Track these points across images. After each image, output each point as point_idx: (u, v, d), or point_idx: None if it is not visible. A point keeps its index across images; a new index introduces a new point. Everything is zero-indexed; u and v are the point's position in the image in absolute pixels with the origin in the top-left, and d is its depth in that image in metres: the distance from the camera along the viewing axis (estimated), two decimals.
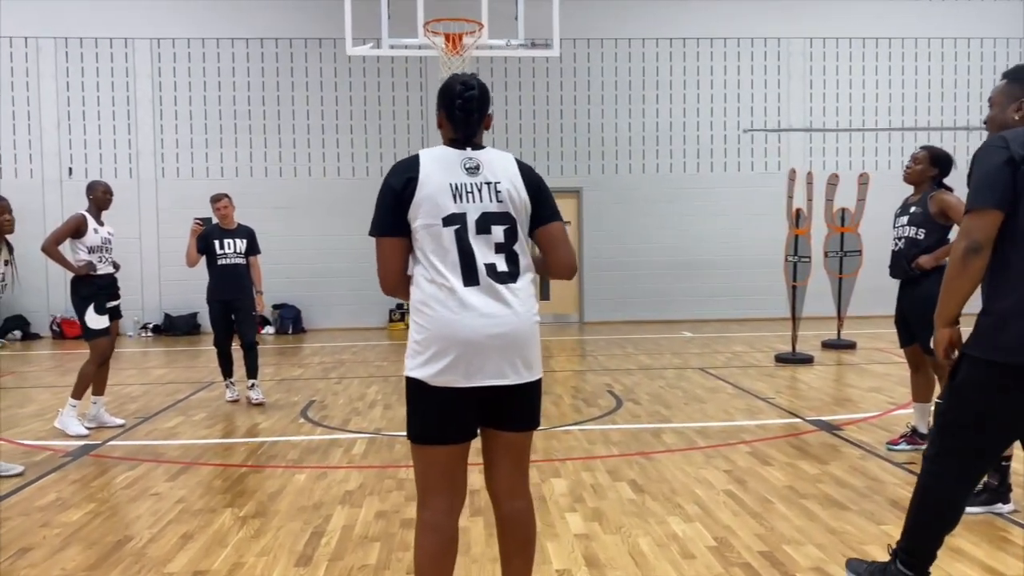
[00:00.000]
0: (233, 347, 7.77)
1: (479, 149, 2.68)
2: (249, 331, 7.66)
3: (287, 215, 14.20)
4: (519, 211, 2.65)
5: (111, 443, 6.19)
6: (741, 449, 5.77)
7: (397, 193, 2.57)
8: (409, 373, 2.61)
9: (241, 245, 7.71)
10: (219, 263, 7.66)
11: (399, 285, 2.66)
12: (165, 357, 11.54)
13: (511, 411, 2.67)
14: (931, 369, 5.38)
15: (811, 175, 10.68)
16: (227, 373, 7.80)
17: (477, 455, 2.76)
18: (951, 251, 2.75)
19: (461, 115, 2.66)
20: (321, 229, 14.30)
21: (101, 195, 6.52)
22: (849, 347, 10.77)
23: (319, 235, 14.32)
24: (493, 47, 9.42)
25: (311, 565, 3.75)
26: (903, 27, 14.94)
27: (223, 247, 7.66)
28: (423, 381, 2.56)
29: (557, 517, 4.38)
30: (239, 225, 7.82)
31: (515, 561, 2.81)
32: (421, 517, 2.65)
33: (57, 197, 13.95)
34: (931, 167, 5.29)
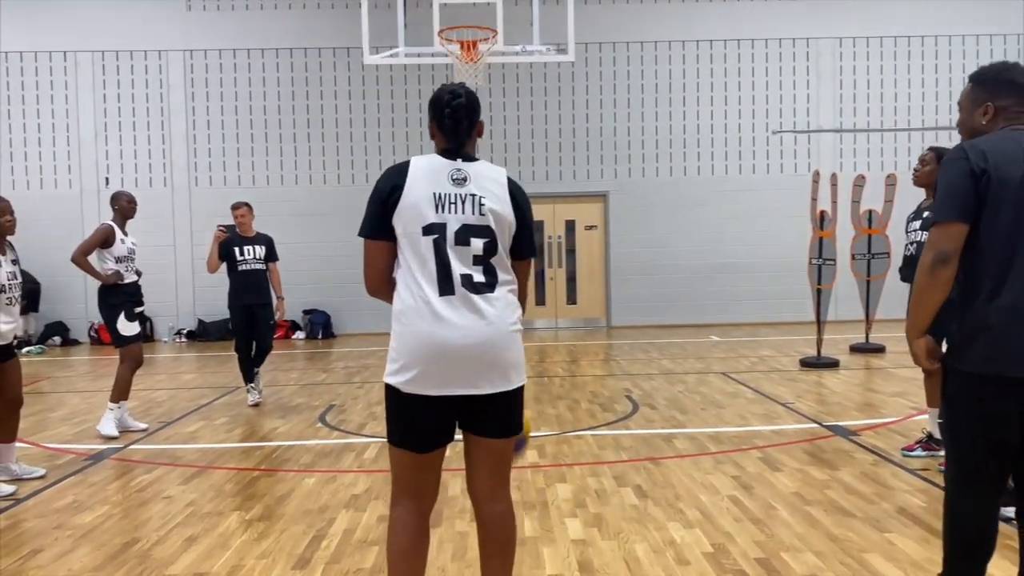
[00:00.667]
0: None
1: (471, 161, 2.72)
2: (267, 336, 7.86)
3: (318, 221, 14.37)
4: (501, 227, 2.68)
5: (132, 447, 6.35)
6: (752, 455, 5.73)
7: (383, 198, 2.64)
8: (386, 379, 2.68)
9: (260, 251, 7.90)
10: (239, 269, 7.86)
11: (382, 287, 2.73)
12: (196, 362, 11.77)
13: (488, 418, 2.72)
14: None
15: (835, 176, 10.54)
16: (248, 377, 7.96)
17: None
18: (920, 264, 2.74)
19: (450, 124, 2.71)
20: (351, 235, 14.33)
21: (126, 204, 6.70)
22: (877, 351, 10.60)
23: (348, 241, 14.39)
24: (508, 53, 9.45)
25: (308, 568, 3.82)
26: (934, 25, 14.67)
27: (243, 253, 7.86)
28: (397, 388, 2.61)
29: (557, 522, 4.39)
30: (257, 233, 8.03)
31: (494, 563, 2.86)
32: (393, 514, 2.74)
33: (95, 207, 14.30)
34: (939, 168, 5.20)
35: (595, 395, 8.17)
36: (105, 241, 6.53)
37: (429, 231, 2.61)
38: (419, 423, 2.65)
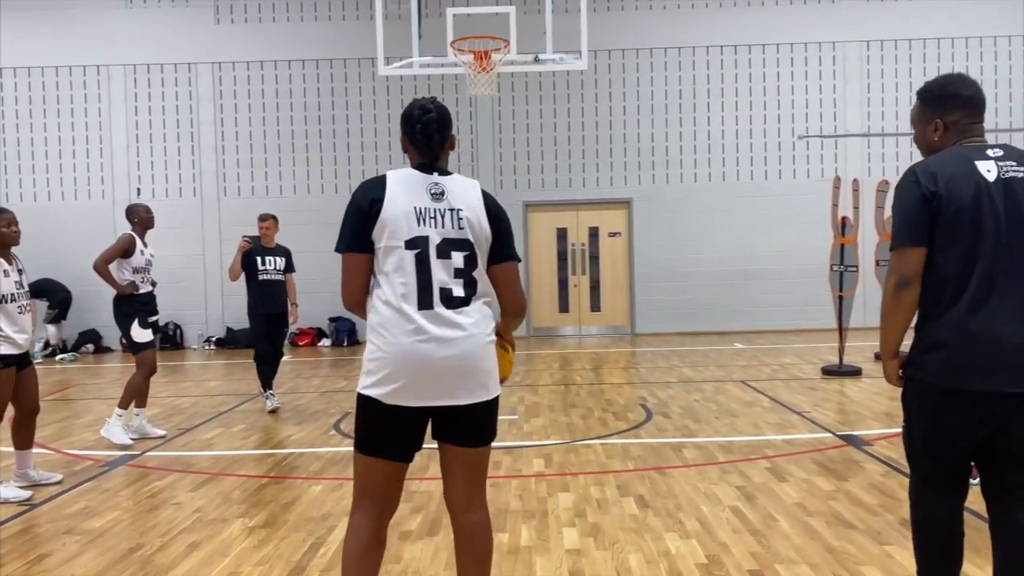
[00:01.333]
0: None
1: (446, 175, 2.77)
2: (280, 343, 8.12)
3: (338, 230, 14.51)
4: (479, 239, 2.73)
5: (149, 453, 6.48)
6: (760, 465, 5.68)
7: (363, 212, 2.68)
8: (361, 390, 2.71)
9: (280, 263, 8.09)
10: (260, 278, 8.04)
11: (360, 302, 2.76)
12: (222, 370, 11.95)
13: (464, 428, 2.76)
14: None
15: (857, 182, 10.40)
16: (268, 384, 8.11)
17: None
18: (884, 288, 2.84)
19: (422, 139, 2.75)
20: None
21: (145, 215, 6.85)
22: None
23: None
24: (521, 62, 9.49)
25: (302, 575, 3.87)
26: (963, 26, 14.41)
27: (264, 264, 8.05)
28: (378, 400, 2.66)
29: (554, 531, 4.40)
30: (278, 244, 8.24)
31: (470, 571, 2.89)
32: (352, 518, 2.78)
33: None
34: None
35: (610, 403, 8.16)
36: (126, 251, 6.68)
37: (412, 245, 2.65)
38: (398, 434, 2.69)
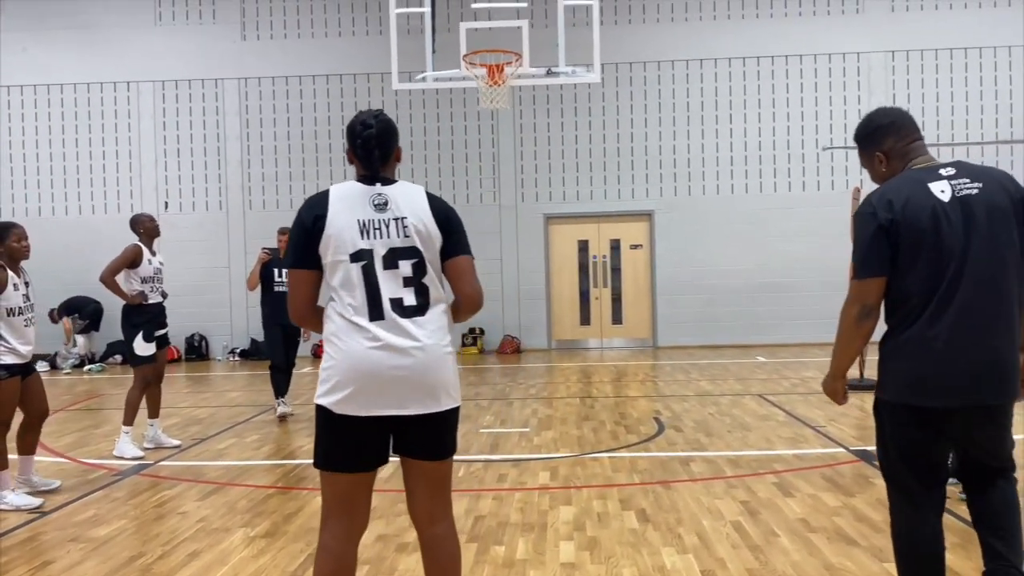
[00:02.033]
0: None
1: (389, 184, 2.78)
2: (293, 354, 8.23)
3: None
4: (427, 245, 2.74)
5: (162, 463, 6.57)
6: (767, 479, 5.62)
7: (307, 228, 2.71)
8: (316, 400, 2.73)
9: None
10: (275, 290, 8.19)
11: (308, 315, 2.79)
12: (243, 381, 12.09)
13: (417, 440, 2.76)
14: None
15: None
16: (281, 392, 8.25)
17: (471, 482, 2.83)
18: (843, 313, 2.88)
19: (362, 153, 2.78)
20: None
21: (149, 225, 6.94)
22: None
23: None
24: (535, 75, 9.53)
25: None
26: (989, 36, 14.20)
27: (280, 276, 8.17)
28: (327, 408, 2.67)
29: (551, 545, 4.39)
30: None
31: None
32: (321, 539, 2.78)
33: None
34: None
35: (623, 416, 8.11)
36: (133, 261, 6.76)
37: (357, 258, 2.67)
38: (348, 443, 2.70)
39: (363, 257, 2.67)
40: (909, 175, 2.86)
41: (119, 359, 14.76)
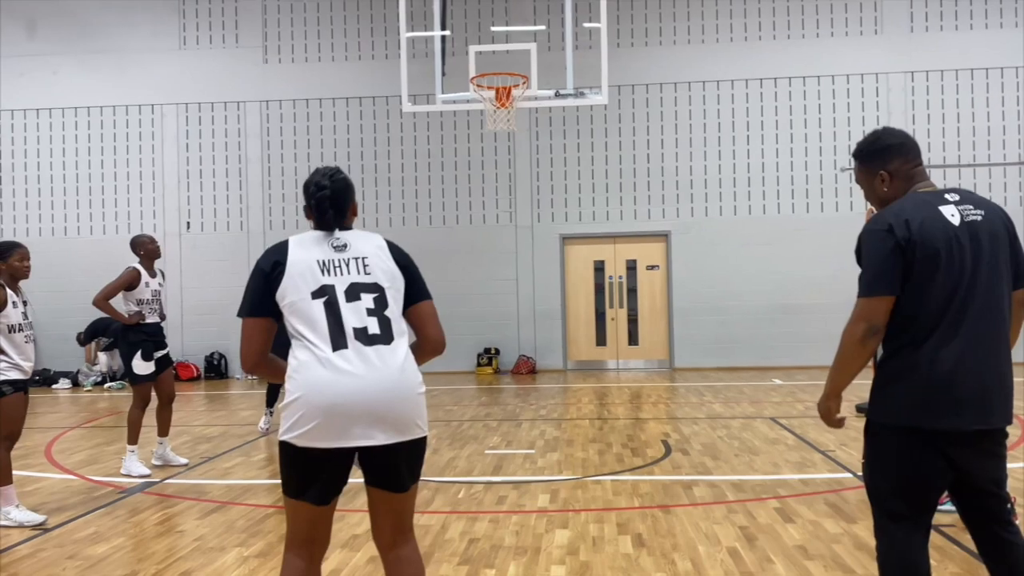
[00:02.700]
0: None
1: (347, 230, 2.86)
2: None
3: None
4: (388, 281, 2.78)
5: (168, 481, 6.63)
6: (769, 504, 5.55)
7: (266, 275, 2.74)
8: (279, 437, 2.73)
9: None
10: None
11: (260, 363, 2.82)
12: (259, 399, 12.13)
13: (384, 471, 2.76)
14: None
15: None
16: (272, 402, 8.51)
17: (457, 504, 2.84)
18: (847, 332, 2.81)
19: (316, 213, 2.85)
20: None
21: (150, 246, 7.01)
22: None
23: None
24: (543, 98, 9.60)
25: None
26: (1007, 56, 14.05)
27: None
28: (292, 443, 2.68)
29: (542, 569, 4.36)
30: None
31: None
32: (285, 558, 2.81)
33: (176, 248, 15.11)
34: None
35: (631, 439, 8.06)
36: (129, 285, 6.85)
37: (318, 295, 2.70)
38: (316, 477, 2.69)
39: (325, 293, 2.71)
40: (920, 197, 2.85)
41: None
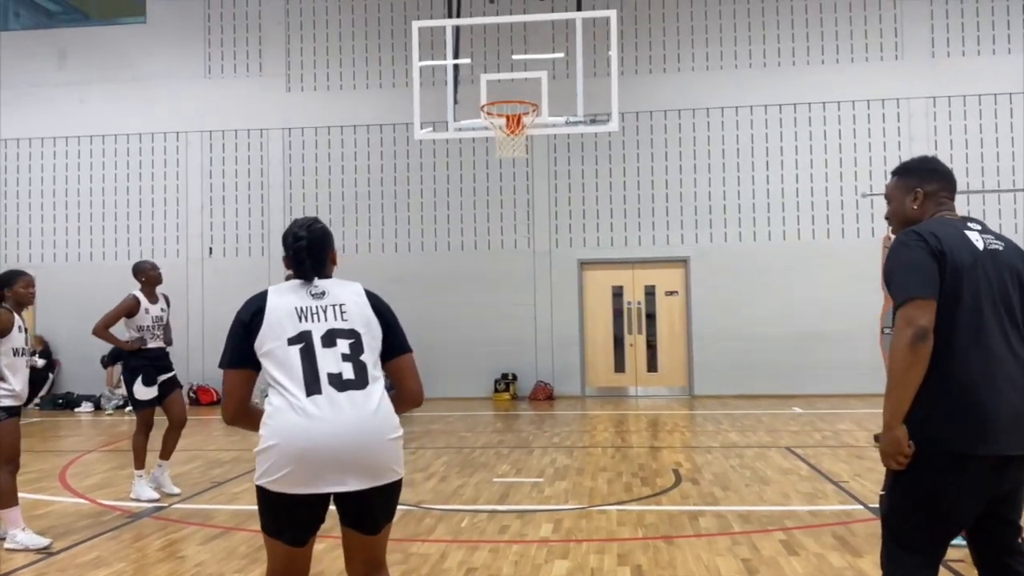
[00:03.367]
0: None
1: (326, 279, 2.90)
2: None
3: (399, 288, 14.75)
4: (365, 328, 2.80)
5: (176, 506, 6.67)
6: (775, 536, 5.45)
7: (246, 324, 2.79)
8: (255, 480, 2.76)
9: None
10: None
11: (241, 416, 2.84)
12: None
13: (358, 513, 2.78)
14: None
15: None
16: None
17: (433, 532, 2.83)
18: (893, 345, 2.71)
19: (294, 263, 2.89)
20: (429, 300, 14.71)
21: (152, 273, 7.11)
22: None
23: (427, 306, 14.70)
24: (553, 125, 9.66)
25: None
26: None
27: None
28: (265, 489, 2.70)
29: None
30: None
31: None
32: None
33: (199, 273, 15.32)
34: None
35: (641, 467, 7.98)
36: (129, 312, 6.94)
37: (295, 341, 2.73)
38: (291, 520, 2.72)
39: (302, 339, 2.73)
40: (944, 220, 2.88)
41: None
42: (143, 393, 6.91)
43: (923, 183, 2.97)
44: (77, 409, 14.34)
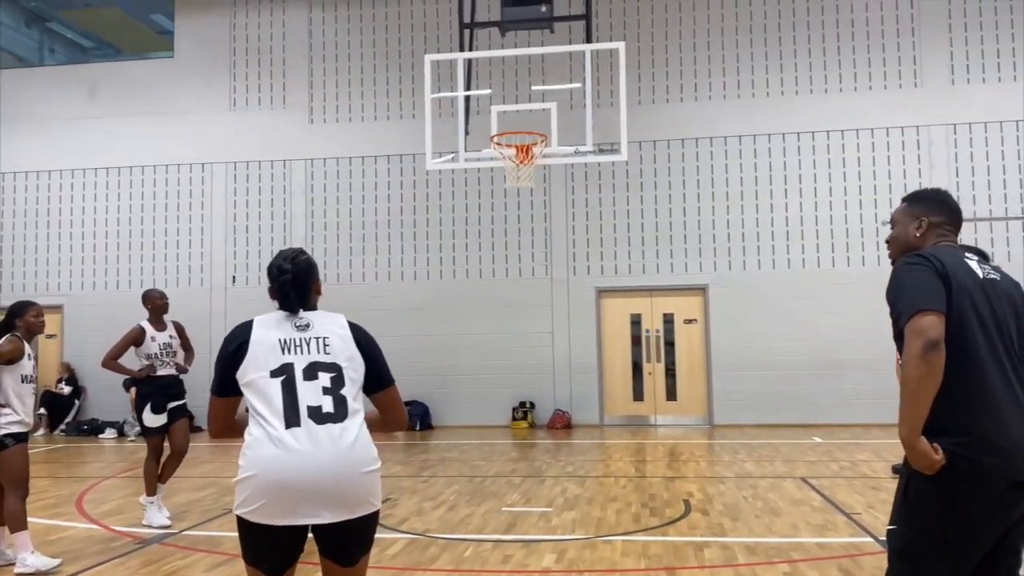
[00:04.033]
0: None
1: (312, 311, 2.97)
2: None
3: (419, 316, 14.90)
4: (348, 362, 2.85)
5: (185, 532, 6.75)
6: (779, 569, 5.40)
7: (231, 354, 2.87)
8: (234, 510, 2.83)
9: None
10: None
11: (224, 432, 2.96)
12: None
13: (334, 545, 2.82)
14: None
15: None
16: None
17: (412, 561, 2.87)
18: (906, 359, 2.68)
19: (279, 296, 2.96)
20: (446, 328, 14.81)
21: (159, 302, 7.25)
22: None
23: (446, 333, 14.84)
24: (563, 155, 9.75)
25: None
26: None
27: None
28: (243, 518, 2.76)
29: None
30: None
31: None
32: None
33: (222, 302, 15.54)
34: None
35: (652, 497, 7.93)
36: (135, 341, 7.07)
37: (277, 373, 2.79)
38: (270, 550, 2.77)
39: (284, 372, 2.80)
40: (944, 248, 2.92)
41: None
42: (152, 420, 7.02)
43: (930, 213, 3.02)
44: (101, 436, 14.55)
